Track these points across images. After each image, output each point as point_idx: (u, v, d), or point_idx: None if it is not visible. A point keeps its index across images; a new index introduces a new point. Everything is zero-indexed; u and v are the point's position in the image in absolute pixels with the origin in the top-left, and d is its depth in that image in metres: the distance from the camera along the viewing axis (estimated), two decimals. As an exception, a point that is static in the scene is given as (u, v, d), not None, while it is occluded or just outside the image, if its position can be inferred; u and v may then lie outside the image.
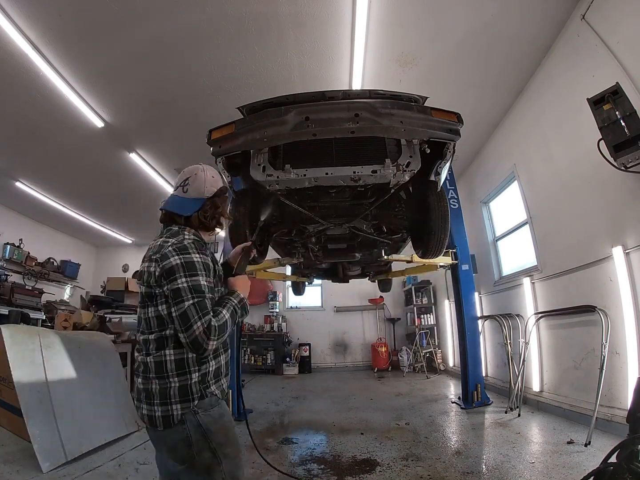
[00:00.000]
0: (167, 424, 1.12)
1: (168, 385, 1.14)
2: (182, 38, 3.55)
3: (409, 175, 2.23)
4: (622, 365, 2.87)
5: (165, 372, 1.15)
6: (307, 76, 4.06)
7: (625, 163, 2.57)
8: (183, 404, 1.13)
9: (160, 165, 6.01)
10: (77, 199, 7.32)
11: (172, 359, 1.16)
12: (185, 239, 1.22)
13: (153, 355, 1.17)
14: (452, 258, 4.51)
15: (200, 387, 1.16)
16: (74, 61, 3.72)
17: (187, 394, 1.14)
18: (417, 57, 3.86)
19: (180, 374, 1.15)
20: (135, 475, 2.50)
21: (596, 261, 3.21)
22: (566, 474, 2.29)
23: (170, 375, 1.14)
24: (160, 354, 1.16)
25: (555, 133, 3.75)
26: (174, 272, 1.14)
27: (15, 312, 5.14)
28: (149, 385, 1.16)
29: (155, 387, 1.15)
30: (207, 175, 1.33)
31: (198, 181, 1.31)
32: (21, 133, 4.91)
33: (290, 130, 2.18)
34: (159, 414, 1.13)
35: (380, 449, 2.97)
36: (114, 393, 3.39)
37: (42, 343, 3.02)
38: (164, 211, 1.36)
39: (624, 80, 2.69)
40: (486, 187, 5.62)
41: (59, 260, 8.82)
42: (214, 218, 1.35)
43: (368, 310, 8.95)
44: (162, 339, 1.17)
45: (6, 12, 3.07)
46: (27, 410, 2.59)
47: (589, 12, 3.11)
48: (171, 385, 1.14)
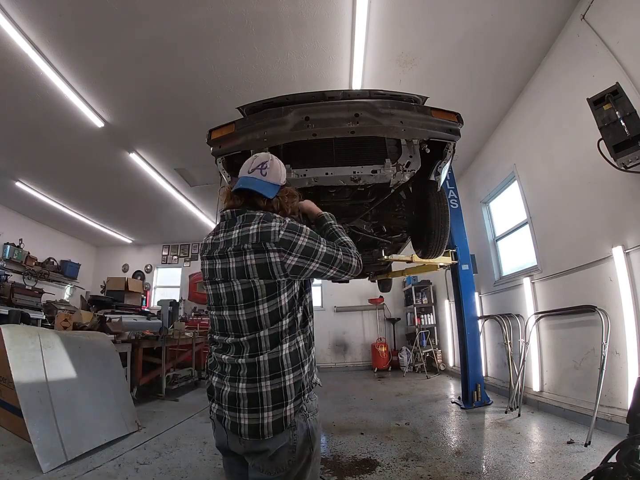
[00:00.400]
0: (279, 428, 1.03)
1: (283, 385, 1.05)
2: (182, 38, 3.55)
3: (409, 175, 2.23)
4: (622, 365, 2.87)
5: (282, 368, 1.06)
6: (307, 76, 4.06)
7: (625, 163, 2.57)
8: (296, 401, 1.06)
9: (160, 165, 6.01)
10: (77, 199, 7.32)
11: (287, 352, 1.08)
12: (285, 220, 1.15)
13: (268, 353, 1.07)
14: (452, 258, 4.51)
15: (309, 379, 1.12)
16: (74, 61, 3.72)
17: (300, 389, 1.08)
18: (417, 57, 3.86)
19: (295, 368, 1.08)
20: (135, 475, 2.50)
21: (596, 261, 3.21)
22: (566, 474, 2.29)
23: (287, 372, 1.07)
24: (276, 349, 1.07)
25: (555, 133, 3.75)
26: (311, 248, 1.10)
27: (15, 312, 5.14)
28: (257, 389, 1.05)
29: (267, 389, 1.04)
30: (280, 162, 1.30)
31: (275, 167, 1.25)
32: (21, 133, 4.91)
33: (290, 130, 2.18)
34: (270, 420, 1.02)
35: (380, 449, 2.97)
36: (114, 393, 3.39)
37: (42, 343, 3.02)
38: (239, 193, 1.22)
39: (624, 80, 2.69)
40: (486, 187, 5.62)
41: (59, 260, 8.82)
42: (292, 204, 1.29)
43: (368, 310, 8.95)
44: (277, 335, 1.09)
45: (6, 12, 3.07)
46: (27, 410, 2.59)
47: (589, 12, 3.11)
48: (286, 384, 1.06)
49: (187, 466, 2.66)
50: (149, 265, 10.58)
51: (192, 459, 2.81)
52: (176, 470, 2.59)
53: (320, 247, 1.13)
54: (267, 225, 1.10)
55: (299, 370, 1.09)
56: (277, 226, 1.10)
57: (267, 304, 1.09)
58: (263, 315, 1.09)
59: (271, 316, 1.09)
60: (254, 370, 1.05)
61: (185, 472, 2.56)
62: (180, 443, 3.17)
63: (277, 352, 1.07)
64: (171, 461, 2.75)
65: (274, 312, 1.09)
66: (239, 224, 1.15)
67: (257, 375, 1.05)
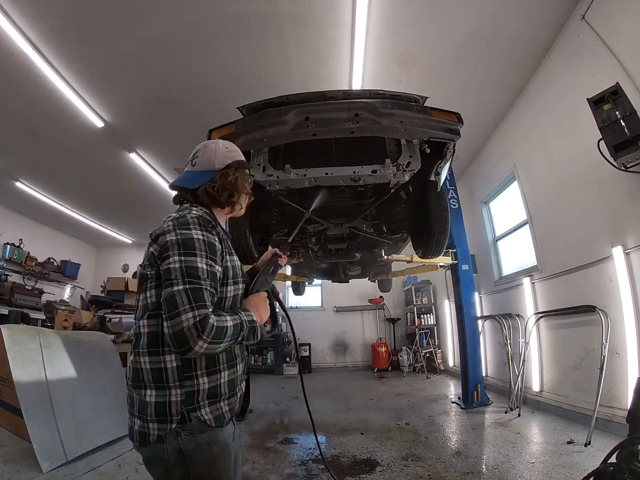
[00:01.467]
0: (143, 441, 0.94)
1: (143, 399, 0.94)
2: (182, 38, 3.55)
3: (408, 175, 2.24)
4: (622, 365, 2.87)
5: (142, 380, 0.95)
6: (307, 76, 4.06)
7: (625, 163, 2.57)
8: (160, 424, 0.93)
9: (160, 165, 6.01)
10: (77, 199, 7.32)
11: (147, 367, 0.95)
12: (189, 214, 1.04)
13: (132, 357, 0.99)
14: (452, 258, 4.51)
15: (182, 408, 0.94)
16: (74, 61, 3.72)
17: (164, 414, 0.93)
18: (417, 57, 3.86)
19: (158, 387, 0.94)
20: (135, 475, 2.50)
21: (596, 261, 3.21)
22: (566, 474, 2.29)
23: (147, 387, 0.94)
24: (135, 359, 0.97)
25: (556, 133, 3.75)
26: (168, 249, 0.95)
27: (15, 312, 5.15)
28: (130, 392, 0.99)
29: (134, 396, 0.97)
30: (219, 146, 1.16)
31: (208, 152, 1.14)
32: (21, 133, 4.90)
33: (290, 130, 2.18)
34: (136, 427, 0.95)
35: (380, 449, 2.97)
36: (114, 393, 3.39)
37: (42, 343, 3.02)
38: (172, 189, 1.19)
39: (624, 80, 2.69)
40: (486, 187, 5.62)
41: (59, 260, 8.82)
42: (225, 189, 1.12)
43: (368, 310, 8.95)
44: (139, 337, 0.98)
45: (6, 12, 3.07)
46: (27, 410, 2.59)
47: (589, 12, 3.11)
48: (147, 400, 0.94)
49: (187, 466, 2.65)
50: (149, 265, 10.57)
51: (192, 459, 2.80)
52: (176, 470, 2.58)
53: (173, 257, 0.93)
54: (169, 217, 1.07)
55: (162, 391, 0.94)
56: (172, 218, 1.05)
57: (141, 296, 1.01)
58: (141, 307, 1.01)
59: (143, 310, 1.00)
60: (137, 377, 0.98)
61: (185, 472, 2.55)
62: (180, 443, 3.17)
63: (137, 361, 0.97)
64: (171, 461, 2.75)
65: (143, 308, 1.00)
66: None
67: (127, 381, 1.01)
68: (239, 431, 1.16)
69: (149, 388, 0.94)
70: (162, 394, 0.94)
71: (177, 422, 0.93)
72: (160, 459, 0.93)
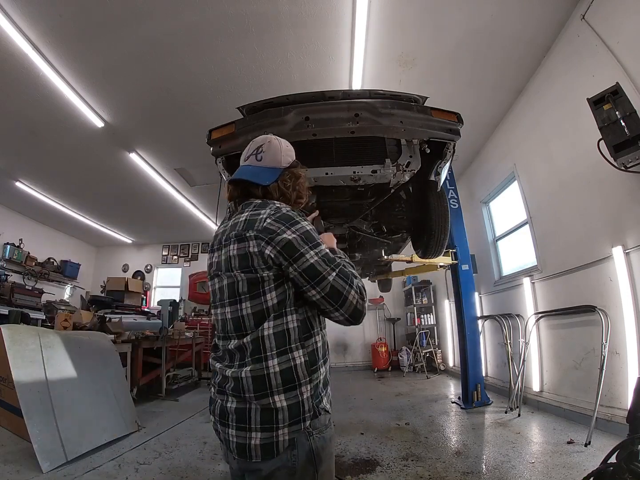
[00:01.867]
0: (269, 453, 0.87)
1: (273, 406, 0.88)
2: (182, 38, 3.55)
3: (408, 175, 2.24)
4: (622, 365, 2.87)
5: (269, 388, 0.89)
6: (307, 76, 4.06)
7: (625, 163, 2.57)
8: (292, 427, 0.88)
9: (160, 165, 6.01)
10: (77, 199, 7.32)
11: (276, 369, 0.90)
12: (283, 208, 1.00)
13: (250, 367, 0.91)
14: (452, 258, 4.51)
15: (313, 403, 0.92)
16: (74, 61, 3.72)
17: (297, 415, 0.89)
18: (417, 57, 3.86)
19: (289, 389, 0.90)
20: (135, 475, 2.50)
21: (596, 261, 3.21)
22: (566, 474, 2.29)
23: (276, 392, 0.89)
24: (261, 365, 0.90)
25: (555, 133, 3.75)
26: (296, 248, 0.91)
27: (15, 312, 5.14)
28: (244, 406, 0.90)
29: (254, 407, 0.89)
30: (281, 143, 1.15)
31: (273, 148, 1.12)
32: (21, 133, 4.91)
33: (290, 130, 2.18)
34: (257, 442, 0.87)
35: (380, 449, 2.97)
36: (114, 393, 3.39)
37: (42, 343, 3.02)
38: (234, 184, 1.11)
39: (624, 80, 2.69)
40: (486, 187, 5.62)
41: (59, 260, 8.82)
42: (295, 190, 1.13)
43: (368, 310, 8.82)
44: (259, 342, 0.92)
45: (6, 12, 3.07)
46: (27, 410, 2.59)
47: (589, 12, 3.11)
48: (277, 406, 0.88)
49: (187, 466, 2.66)
50: (149, 265, 10.58)
51: (192, 459, 2.81)
52: (176, 470, 2.59)
53: (307, 254, 0.92)
54: (256, 212, 0.98)
55: (294, 391, 0.90)
56: (266, 214, 0.96)
57: (249, 303, 0.94)
58: (246, 315, 0.94)
59: (255, 318, 0.93)
60: (238, 386, 0.91)
61: (185, 472, 2.56)
62: (180, 443, 3.17)
63: (261, 367, 0.90)
64: (171, 461, 2.75)
65: (258, 314, 0.93)
66: (237, 215, 1.05)
67: (241, 393, 0.90)
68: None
69: (278, 393, 0.89)
70: (294, 395, 0.90)
71: (310, 419, 0.90)
72: (288, 466, 0.88)
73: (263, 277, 0.93)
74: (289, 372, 0.90)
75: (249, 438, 0.88)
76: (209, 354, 1.24)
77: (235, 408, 0.91)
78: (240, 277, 0.95)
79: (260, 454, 0.87)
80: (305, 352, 0.94)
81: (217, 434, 0.99)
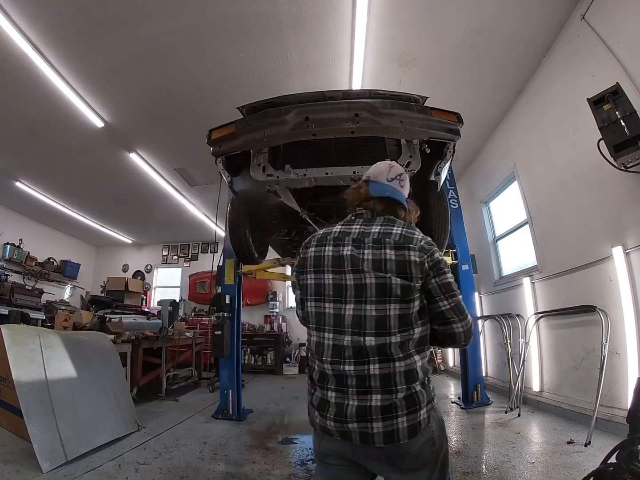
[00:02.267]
0: (413, 433, 1.00)
1: (415, 392, 1.03)
2: (182, 38, 3.55)
3: (408, 175, 2.23)
4: (622, 365, 2.87)
5: (415, 379, 1.03)
6: (307, 76, 4.06)
7: (625, 163, 2.57)
8: (428, 406, 1.05)
9: (160, 165, 6.01)
10: (77, 199, 7.33)
11: (420, 364, 1.06)
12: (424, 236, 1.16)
13: (404, 362, 1.03)
14: (452, 258, 4.51)
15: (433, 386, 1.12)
16: (74, 61, 3.72)
17: (430, 394, 1.07)
18: (417, 57, 3.86)
19: (423, 378, 1.07)
20: (135, 475, 2.50)
21: (596, 261, 3.21)
22: (566, 474, 2.29)
23: (420, 382, 1.04)
24: (411, 360, 1.04)
25: (556, 133, 3.75)
26: (442, 266, 1.09)
27: (15, 312, 5.15)
28: (392, 399, 1.01)
29: (401, 396, 1.01)
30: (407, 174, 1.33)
31: (407, 179, 1.28)
32: (21, 133, 4.91)
33: (290, 130, 2.18)
34: (404, 425, 1.00)
35: (380, 449, 2.96)
36: (114, 393, 3.39)
37: (42, 343, 3.02)
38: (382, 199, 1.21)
39: (624, 80, 2.69)
40: (486, 187, 5.62)
41: (59, 260, 8.83)
42: (416, 219, 1.30)
43: (368, 310, 8.93)
44: (407, 342, 1.04)
45: (6, 12, 3.07)
46: (27, 410, 2.58)
47: (589, 12, 3.10)
48: (417, 390, 1.03)
49: (187, 466, 2.65)
50: (149, 265, 10.58)
51: (192, 459, 2.80)
52: (176, 470, 2.59)
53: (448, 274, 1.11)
54: (410, 232, 1.12)
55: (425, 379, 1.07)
56: (420, 236, 1.12)
57: (399, 305, 1.04)
58: (393, 316, 1.03)
59: (401, 320, 1.04)
60: (389, 382, 1.01)
61: (185, 472, 2.56)
62: (180, 443, 3.17)
63: (411, 362, 1.04)
64: (171, 461, 2.75)
65: (405, 317, 1.04)
66: (379, 223, 1.15)
67: (392, 386, 1.01)
68: (239, 431, 1.17)
69: (418, 379, 1.05)
70: (426, 381, 1.08)
71: (434, 399, 1.09)
72: (430, 438, 1.03)
73: (415, 286, 1.05)
74: (423, 366, 1.08)
75: (396, 424, 0.99)
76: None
77: (381, 401, 1.01)
78: (395, 280, 1.04)
79: (407, 435, 1.00)
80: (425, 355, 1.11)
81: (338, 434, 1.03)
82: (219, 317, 4.11)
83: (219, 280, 4.41)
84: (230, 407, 3.98)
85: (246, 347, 8.32)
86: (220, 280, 4.39)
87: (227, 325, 4.10)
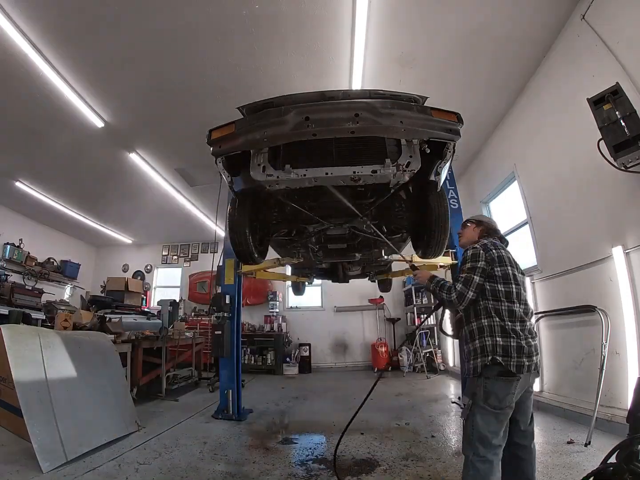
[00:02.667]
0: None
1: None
2: (182, 38, 3.55)
3: (408, 175, 2.23)
4: (622, 365, 2.87)
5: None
6: (307, 76, 4.06)
7: (625, 163, 2.57)
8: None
9: (160, 165, 6.01)
10: (77, 199, 7.33)
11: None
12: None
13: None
14: (452, 258, 4.50)
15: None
16: (74, 61, 3.73)
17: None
18: (417, 57, 3.86)
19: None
20: (135, 475, 2.50)
21: (596, 261, 3.21)
22: (566, 474, 2.29)
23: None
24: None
25: (556, 133, 3.75)
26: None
27: (15, 312, 5.15)
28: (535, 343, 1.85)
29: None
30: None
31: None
32: (21, 133, 4.91)
33: (290, 130, 2.18)
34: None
35: (380, 449, 2.97)
36: (114, 393, 3.39)
37: (42, 343, 3.02)
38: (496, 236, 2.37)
39: (624, 80, 2.69)
40: (486, 187, 5.62)
41: (59, 260, 8.83)
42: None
43: (368, 310, 8.95)
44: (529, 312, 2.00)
45: (6, 12, 3.07)
46: (27, 410, 2.58)
47: (589, 12, 3.11)
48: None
49: (187, 466, 2.66)
50: (149, 265, 10.58)
51: (192, 459, 2.80)
52: (176, 470, 2.59)
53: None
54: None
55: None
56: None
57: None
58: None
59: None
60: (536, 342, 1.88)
61: (185, 472, 2.56)
62: (180, 443, 3.17)
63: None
64: (171, 461, 2.75)
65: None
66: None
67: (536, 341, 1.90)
68: (239, 430, 1.17)
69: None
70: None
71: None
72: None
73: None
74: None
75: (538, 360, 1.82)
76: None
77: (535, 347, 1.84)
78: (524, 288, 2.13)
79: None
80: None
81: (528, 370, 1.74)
82: (219, 317, 4.11)
83: (219, 280, 4.41)
84: (230, 407, 3.99)
85: (246, 347, 8.32)
86: (220, 280, 4.39)
87: (227, 325, 4.10)
